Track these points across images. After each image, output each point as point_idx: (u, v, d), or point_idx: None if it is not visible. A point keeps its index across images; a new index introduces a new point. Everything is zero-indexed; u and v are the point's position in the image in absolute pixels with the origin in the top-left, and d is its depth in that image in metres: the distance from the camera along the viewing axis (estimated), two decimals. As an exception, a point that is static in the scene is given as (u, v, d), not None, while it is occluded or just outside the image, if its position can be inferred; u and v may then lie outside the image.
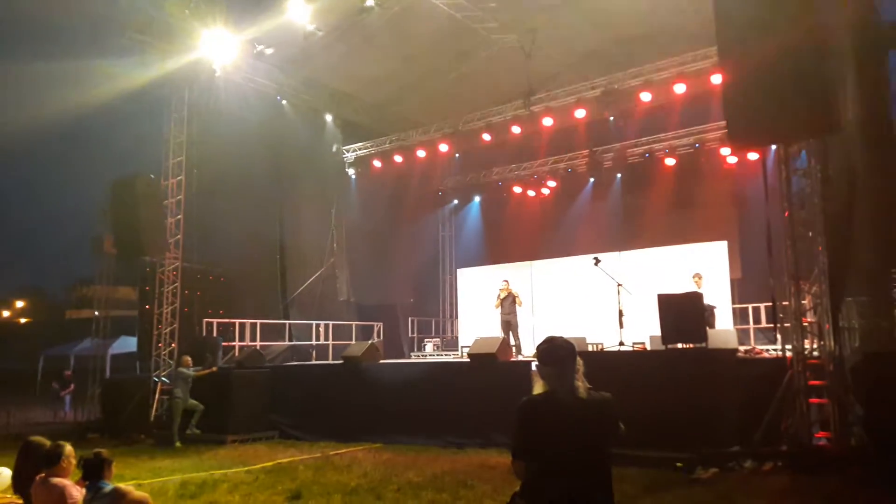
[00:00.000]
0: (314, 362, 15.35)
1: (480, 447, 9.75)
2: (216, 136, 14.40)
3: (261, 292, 16.16)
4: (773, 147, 9.50)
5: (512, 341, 13.76)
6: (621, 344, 11.15)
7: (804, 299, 8.18)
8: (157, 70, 13.26)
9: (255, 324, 15.03)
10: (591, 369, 3.25)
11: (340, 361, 12.46)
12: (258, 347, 14.44)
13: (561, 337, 3.25)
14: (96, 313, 17.01)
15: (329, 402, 11.91)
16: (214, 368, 12.44)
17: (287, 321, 16.36)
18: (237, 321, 14.75)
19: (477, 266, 19.39)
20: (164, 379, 13.18)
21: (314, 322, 16.61)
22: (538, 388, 3.16)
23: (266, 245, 16.44)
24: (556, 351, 3.17)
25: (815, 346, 7.98)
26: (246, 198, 15.30)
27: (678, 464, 7.66)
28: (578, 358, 3.17)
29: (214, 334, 14.18)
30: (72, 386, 18.04)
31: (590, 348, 12.98)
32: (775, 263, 8.19)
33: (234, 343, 14.50)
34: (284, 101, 16.60)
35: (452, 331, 20.91)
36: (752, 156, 14.68)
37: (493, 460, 8.76)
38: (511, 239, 19.92)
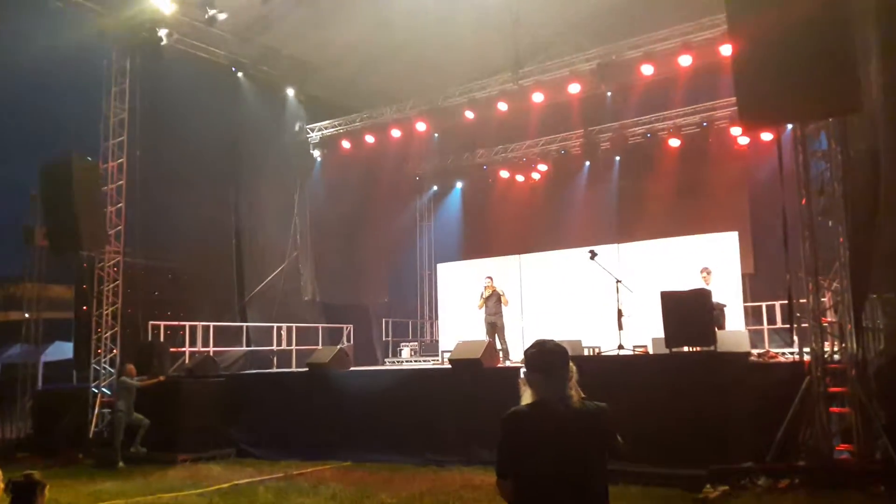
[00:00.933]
0: (275, 370, 15.29)
1: (463, 465, 9.76)
2: (163, 114, 14.22)
3: (214, 291, 16.05)
4: (789, 127, 9.57)
5: (498, 345, 13.75)
6: (620, 347, 11.19)
7: (823, 296, 8.25)
8: (89, 31, 13.06)
9: (208, 327, 14.91)
10: (587, 376, 3.25)
11: (305, 369, 12.42)
12: (211, 354, 14.32)
13: (552, 340, 3.24)
14: (26, 315, 16.77)
15: (292, 416, 11.86)
16: (162, 378, 12.34)
17: (244, 323, 16.28)
18: (187, 324, 14.62)
19: (459, 261, 19.41)
20: (104, 390, 13.03)
21: (275, 325, 16.51)
22: (526, 397, 3.16)
23: (220, 237, 16.33)
24: (546, 356, 3.17)
25: (835, 348, 8.06)
26: (197, 183, 15.17)
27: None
28: (571, 363, 3.17)
29: (161, 339, 14.03)
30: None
31: (585, 352, 13.01)
32: (791, 256, 8.25)
33: (183, 349, 14.38)
34: (241, 74, 16.45)
35: (432, 334, 20.91)
36: (766, 136, 14.79)
37: (477, 479, 8.75)
38: (497, 230, 19.94)
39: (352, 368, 12.77)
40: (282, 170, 17.74)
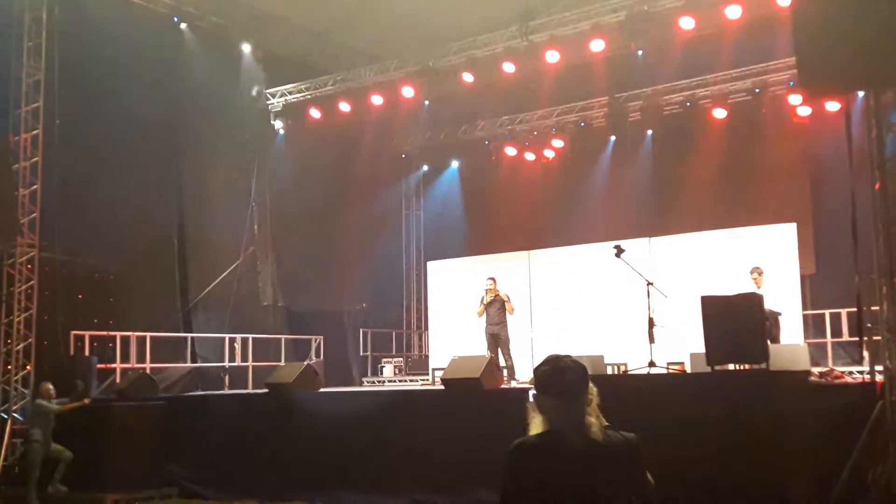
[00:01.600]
0: (227, 391, 15.28)
1: (458, 507, 9.77)
2: (88, 75, 14.23)
3: (152, 294, 16.04)
4: (860, 94, 9.58)
5: (502, 362, 13.76)
6: (652, 365, 11.20)
7: (901, 303, 8.27)
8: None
9: (144, 338, 14.91)
10: (610, 400, 3.24)
11: (264, 390, 12.40)
12: (148, 371, 14.32)
13: (568, 356, 3.23)
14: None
15: (248, 448, 11.84)
16: (87, 400, 12.27)
17: (189, 334, 16.28)
18: (118, 334, 14.62)
19: (454, 258, 19.38)
20: (15, 415, 13.00)
21: (227, 335, 16.53)
22: (536, 426, 3.15)
23: (159, 228, 16.33)
24: (560, 375, 3.16)
25: (914, 367, 8.08)
26: (130, 161, 15.19)
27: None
28: (592, 385, 3.16)
29: (87, 352, 14.04)
30: None
31: (609, 371, 13.02)
32: (861, 254, 8.26)
33: (114, 365, 14.38)
34: (184, 26, 16.48)
35: (420, 348, 20.92)
36: (832, 106, 14.81)
37: (475, 526, 8.77)
38: (501, 220, 19.95)
39: (322, 389, 12.76)
40: (235, 145, 17.73)
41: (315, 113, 18.43)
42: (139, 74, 15.07)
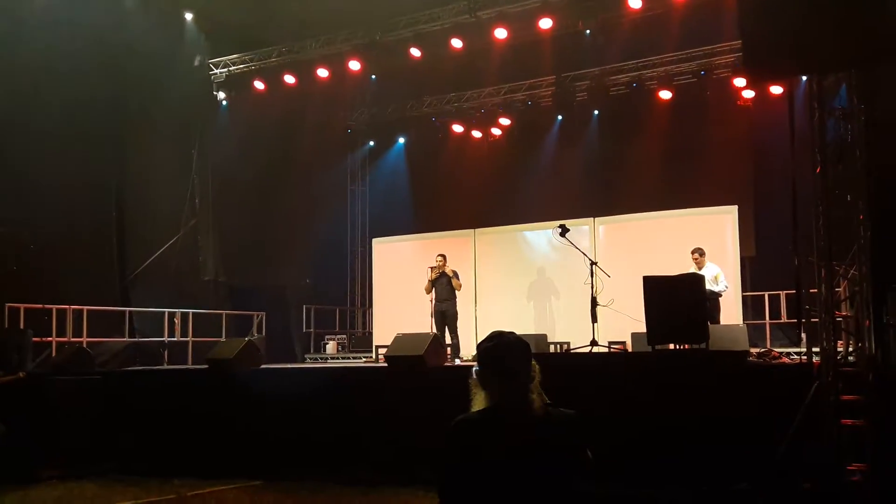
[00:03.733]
0: (166, 367, 15.12)
1: (401, 485, 9.76)
2: (18, 38, 13.91)
3: (89, 267, 15.76)
4: (804, 78, 9.71)
5: (447, 339, 13.80)
6: (594, 344, 11.32)
7: (838, 286, 8.42)
8: None
9: (81, 311, 14.73)
10: (552, 378, 3.26)
11: (204, 366, 12.29)
12: (85, 345, 14.11)
13: (512, 333, 3.24)
14: None
15: (187, 423, 11.73)
16: (22, 374, 12.06)
17: (127, 308, 16.07)
18: (54, 307, 14.39)
19: (399, 235, 19.35)
20: (-56, 390, 12.74)
21: (166, 310, 16.34)
22: (478, 402, 3.16)
23: (96, 199, 16.05)
24: (504, 351, 3.17)
25: (850, 348, 8.24)
26: (65, 129, 14.81)
27: None
28: (534, 362, 3.17)
29: (21, 325, 13.78)
30: None
31: (552, 349, 13.16)
32: (801, 237, 8.38)
33: (50, 338, 14.17)
34: (125, -8, 16.11)
35: (364, 325, 20.90)
36: (776, 90, 15.02)
37: (416, 503, 8.79)
38: (447, 198, 19.97)
39: (263, 366, 12.68)
40: (176, 115, 17.41)
41: (259, 85, 18.23)
42: (75, 41, 14.72)
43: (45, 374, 12.64)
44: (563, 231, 12.14)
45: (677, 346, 9.52)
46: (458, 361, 13.24)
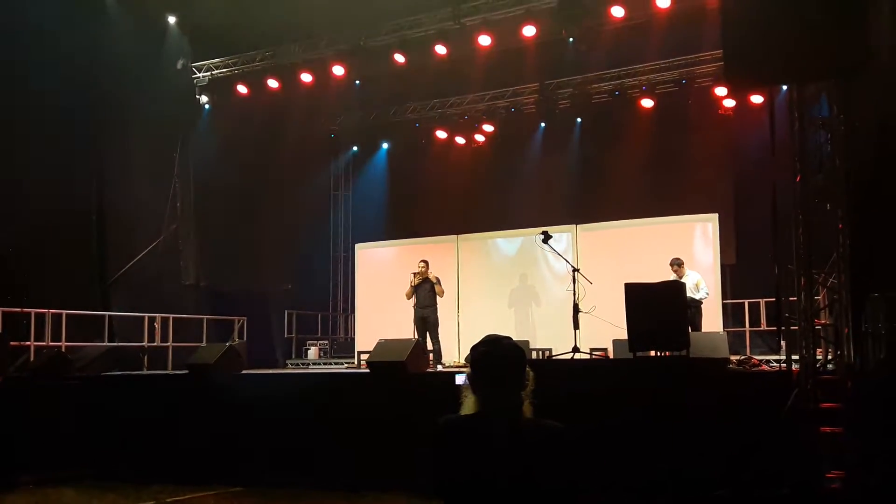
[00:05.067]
0: (146, 372, 15.03)
1: (382, 491, 9.77)
2: (0, 42, 13.76)
3: (68, 271, 15.62)
4: (784, 88, 9.78)
5: (429, 345, 13.79)
6: (575, 350, 11.35)
7: (817, 294, 8.48)
8: None
9: (60, 315, 14.64)
10: (534, 384, 3.25)
11: (184, 371, 12.25)
12: (64, 349, 14.04)
13: (508, 338, 3.18)
14: None
15: (167, 429, 11.67)
16: (-2, 379, 12.03)
17: (106, 313, 15.96)
18: (32, 311, 14.28)
19: (382, 241, 19.36)
20: (-80, 394, 12.63)
21: (146, 315, 16.26)
22: (468, 406, 3.12)
23: (76, 202, 15.90)
24: (498, 356, 3.12)
25: (829, 356, 8.30)
26: (45, 133, 14.74)
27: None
28: (530, 370, 3.14)
29: (-2, 329, 13.67)
30: None
31: (534, 356, 13.17)
32: (781, 245, 8.44)
33: (28, 343, 14.05)
34: (107, -6, 16.04)
35: (347, 330, 20.86)
36: (756, 99, 15.12)
37: (397, 509, 8.80)
38: (430, 204, 19.97)
39: (244, 371, 12.63)
40: (158, 119, 17.30)
41: (242, 89, 18.18)
42: (58, 42, 14.64)
43: (22, 378, 12.56)
44: (546, 238, 12.18)
45: (658, 353, 9.55)
46: (440, 367, 13.25)
